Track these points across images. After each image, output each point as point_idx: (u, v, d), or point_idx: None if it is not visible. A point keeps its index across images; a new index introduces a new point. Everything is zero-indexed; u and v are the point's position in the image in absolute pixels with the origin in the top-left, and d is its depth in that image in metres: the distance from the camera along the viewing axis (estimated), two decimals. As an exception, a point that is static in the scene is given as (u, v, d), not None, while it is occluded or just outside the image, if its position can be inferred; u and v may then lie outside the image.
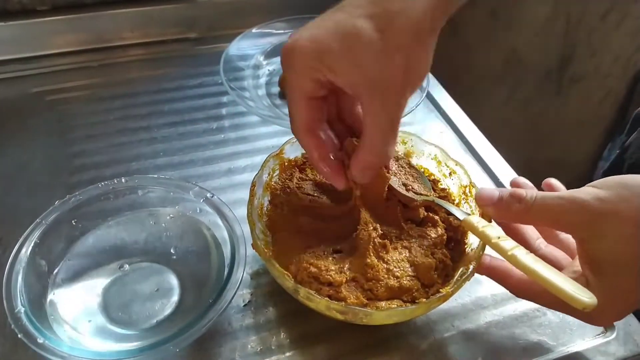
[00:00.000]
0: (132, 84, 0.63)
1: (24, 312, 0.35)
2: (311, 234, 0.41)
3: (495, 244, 0.36)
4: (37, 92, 0.61)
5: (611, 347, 0.41)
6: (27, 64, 0.64)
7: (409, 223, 0.43)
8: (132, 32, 0.68)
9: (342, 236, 0.41)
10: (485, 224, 0.38)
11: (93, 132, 0.57)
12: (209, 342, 0.40)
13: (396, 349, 0.40)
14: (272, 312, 0.42)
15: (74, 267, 0.41)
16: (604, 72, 1.06)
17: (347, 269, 0.39)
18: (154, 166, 0.53)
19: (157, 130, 0.57)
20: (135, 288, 0.41)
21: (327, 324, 0.40)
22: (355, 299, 0.37)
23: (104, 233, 0.43)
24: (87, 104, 0.60)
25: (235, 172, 0.53)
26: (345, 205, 0.43)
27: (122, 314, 0.39)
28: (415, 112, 0.57)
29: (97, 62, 0.66)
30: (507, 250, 0.36)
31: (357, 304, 0.37)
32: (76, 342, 0.36)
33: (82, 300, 0.40)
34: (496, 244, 0.36)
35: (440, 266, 0.40)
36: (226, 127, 0.59)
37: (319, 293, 0.37)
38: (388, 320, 0.38)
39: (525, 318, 0.42)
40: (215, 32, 0.71)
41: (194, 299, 0.40)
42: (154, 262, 0.43)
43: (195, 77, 0.65)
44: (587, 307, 0.33)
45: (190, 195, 0.44)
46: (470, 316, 0.42)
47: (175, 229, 0.45)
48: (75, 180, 0.51)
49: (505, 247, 0.36)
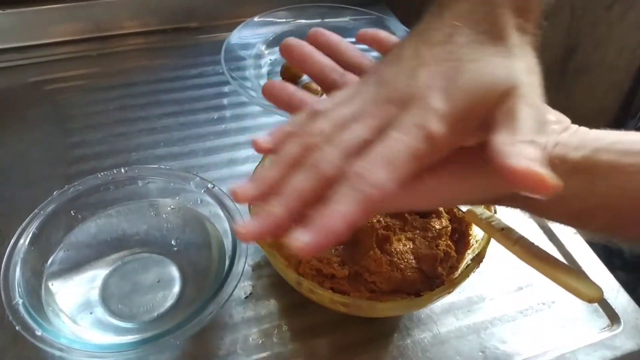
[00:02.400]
0: (132, 74, 0.62)
1: (22, 304, 0.34)
2: None
3: (499, 236, 0.35)
4: (35, 81, 0.60)
5: (617, 340, 0.40)
6: (24, 53, 0.63)
7: (412, 214, 0.42)
8: (131, 21, 0.67)
9: None
10: (489, 216, 0.37)
11: (92, 122, 0.56)
12: (210, 335, 0.39)
13: (400, 343, 0.40)
14: (274, 304, 0.41)
15: (72, 259, 0.40)
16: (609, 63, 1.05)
17: (350, 261, 0.38)
18: (154, 156, 0.53)
19: (157, 120, 0.57)
20: (135, 279, 0.41)
21: (329, 316, 0.40)
22: (358, 292, 0.36)
23: (104, 224, 0.43)
24: (86, 94, 0.59)
25: (237, 163, 0.53)
26: None
27: (122, 306, 0.39)
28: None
29: (96, 52, 0.65)
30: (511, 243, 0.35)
31: (360, 297, 0.36)
32: (75, 335, 0.36)
33: (81, 292, 0.39)
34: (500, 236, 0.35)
35: (444, 258, 0.39)
36: (227, 117, 0.58)
37: (322, 286, 0.36)
38: (391, 313, 0.37)
39: (531, 311, 0.42)
40: (216, 21, 0.70)
41: (196, 291, 0.40)
42: (155, 253, 0.42)
43: (196, 67, 0.64)
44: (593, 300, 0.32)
45: (191, 185, 0.43)
46: (474, 309, 0.42)
47: (176, 220, 0.44)
48: (74, 170, 0.50)
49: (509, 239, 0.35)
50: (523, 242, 0.35)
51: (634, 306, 0.42)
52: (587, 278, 0.33)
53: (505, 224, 0.36)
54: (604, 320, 0.42)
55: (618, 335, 0.41)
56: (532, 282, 0.44)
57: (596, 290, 0.32)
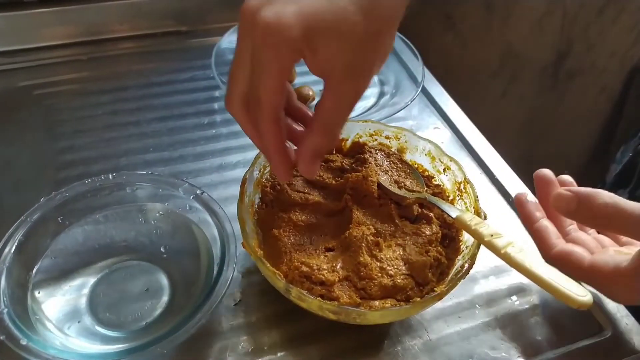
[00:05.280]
0: (122, 78, 0.62)
1: (7, 313, 0.34)
2: (302, 232, 0.41)
3: (489, 241, 0.35)
4: (24, 85, 0.60)
5: (607, 346, 0.40)
6: (14, 57, 0.63)
7: (403, 220, 0.42)
8: (121, 24, 0.67)
9: (335, 234, 0.41)
10: (478, 222, 0.37)
11: (81, 127, 0.55)
12: (199, 343, 0.39)
13: (390, 349, 0.39)
14: (264, 311, 0.41)
15: (59, 266, 0.40)
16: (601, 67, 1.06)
17: (340, 267, 0.38)
18: (143, 162, 0.52)
19: (147, 125, 0.56)
20: (123, 287, 0.40)
21: (319, 323, 0.40)
22: (348, 299, 0.36)
23: (91, 230, 0.42)
24: (76, 98, 0.59)
25: (227, 168, 0.52)
26: (338, 203, 0.42)
27: (110, 315, 0.38)
28: (410, 107, 0.56)
29: (86, 56, 0.65)
30: (500, 248, 0.35)
31: (350, 304, 0.36)
32: (62, 344, 0.35)
33: (68, 300, 0.39)
34: (489, 241, 0.35)
35: (434, 264, 0.39)
36: (218, 122, 0.58)
37: (311, 293, 0.36)
38: (382, 320, 0.37)
39: (521, 317, 0.42)
40: (206, 25, 0.69)
41: (184, 299, 0.39)
42: (143, 261, 0.42)
43: (186, 71, 0.63)
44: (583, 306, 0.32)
45: (180, 192, 0.43)
46: (465, 315, 0.42)
47: (164, 226, 0.44)
48: (62, 176, 0.50)
49: (499, 245, 0.35)
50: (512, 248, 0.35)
51: (624, 312, 0.42)
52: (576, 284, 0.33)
53: (495, 230, 0.36)
54: (595, 326, 0.42)
55: (607, 341, 0.40)
56: (523, 288, 0.44)
57: (585, 296, 0.32)
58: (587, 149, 1.21)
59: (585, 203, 0.36)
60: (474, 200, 0.41)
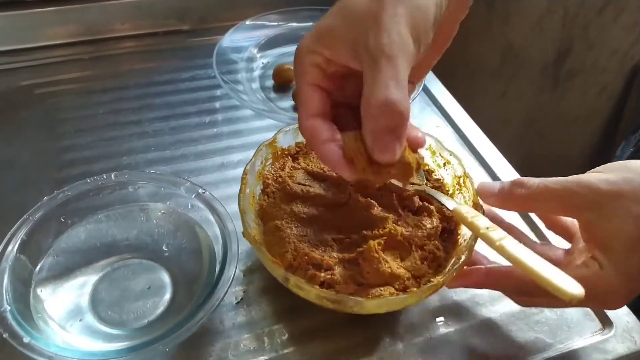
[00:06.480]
0: (123, 77, 0.62)
1: (10, 311, 0.34)
2: (304, 224, 0.41)
3: (484, 234, 0.35)
4: (26, 85, 0.60)
5: (609, 344, 0.40)
6: (15, 56, 0.63)
7: (405, 211, 0.42)
8: (122, 24, 0.67)
9: (337, 225, 0.41)
10: (475, 214, 0.37)
11: (83, 126, 0.55)
12: (201, 341, 0.39)
13: (392, 347, 0.39)
14: (265, 309, 0.41)
15: (62, 265, 0.40)
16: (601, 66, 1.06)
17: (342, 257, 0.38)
18: (145, 161, 0.52)
19: (149, 124, 0.56)
20: (125, 286, 0.40)
21: (321, 321, 0.40)
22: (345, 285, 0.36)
23: (93, 229, 0.43)
24: (77, 98, 0.59)
25: (229, 167, 0.52)
26: (339, 195, 0.42)
27: (112, 313, 0.39)
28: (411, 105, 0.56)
29: (88, 55, 0.65)
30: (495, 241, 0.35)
31: (347, 293, 0.36)
32: (64, 342, 0.35)
33: (70, 298, 0.39)
34: (484, 234, 0.35)
35: (430, 257, 0.39)
36: (219, 121, 0.58)
37: (315, 279, 0.36)
38: (379, 309, 0.37)
39: (522, 315, 0.42)
40: (207, 24, 0.70)
41: (186, 297, 0.39)
42: (145, 259, 0.42)
43: (188, 70, 0.63)
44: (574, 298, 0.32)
45: (182, 191, 0.43)
46: (465, 314, 0.42)
47: (166, 225, 0.44)
48: (64, 175, 0.50)
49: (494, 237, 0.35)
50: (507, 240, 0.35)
51: (625, 310, 0.42)
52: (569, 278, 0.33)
53: (491, 223, 0.36)
54: (596, 323, 0.42)
55: (610, 339, 0.41)
56: (524, 285, 0.44)
57: (576, 289, 0.32)
58: (588, 148, 1.21)
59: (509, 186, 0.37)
60: (472, 194, 0.41)
